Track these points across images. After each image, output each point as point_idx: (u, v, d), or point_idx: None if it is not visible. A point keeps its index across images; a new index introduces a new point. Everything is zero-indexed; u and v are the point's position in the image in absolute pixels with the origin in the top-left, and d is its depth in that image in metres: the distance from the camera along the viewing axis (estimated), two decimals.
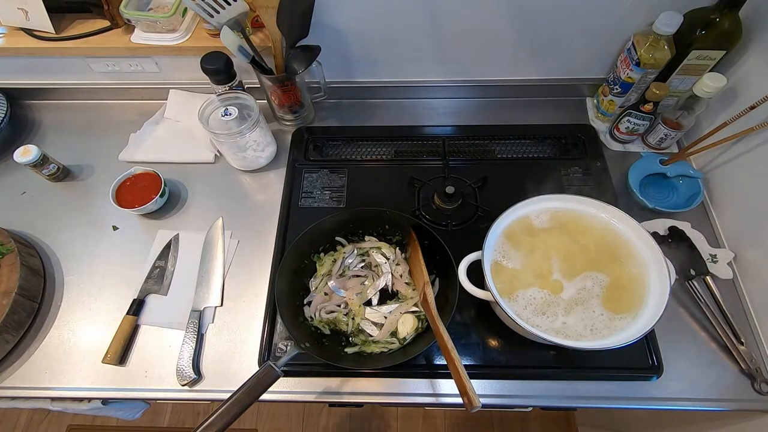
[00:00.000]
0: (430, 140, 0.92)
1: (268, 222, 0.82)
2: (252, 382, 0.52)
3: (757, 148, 0.71)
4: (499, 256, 0.63)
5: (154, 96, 0.97)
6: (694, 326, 0.70)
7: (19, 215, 0.84)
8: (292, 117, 0.92)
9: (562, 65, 0.90)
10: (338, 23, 0.82)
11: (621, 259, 0.62)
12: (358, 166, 0.89)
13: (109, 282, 0.77)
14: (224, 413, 0.51)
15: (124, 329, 0.70)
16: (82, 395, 0.70)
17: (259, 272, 0.77)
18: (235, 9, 0.74)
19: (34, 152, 0.81)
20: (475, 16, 0.79)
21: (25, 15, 0.83)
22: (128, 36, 0.85)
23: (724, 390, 0.65)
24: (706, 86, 0.71)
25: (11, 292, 0.69)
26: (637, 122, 0.81)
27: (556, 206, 0.66)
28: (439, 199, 0.81)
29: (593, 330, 0.58)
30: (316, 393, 0.67)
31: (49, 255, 0.80)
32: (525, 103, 0.96)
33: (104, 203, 0.83)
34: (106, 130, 0.95)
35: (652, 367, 0.67)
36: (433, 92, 0.97)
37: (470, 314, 0.71)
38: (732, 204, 0.77)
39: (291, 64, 0.78)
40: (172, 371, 0.68)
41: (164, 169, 0.84)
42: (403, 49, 0.87)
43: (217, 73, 0.81)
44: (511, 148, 0.91)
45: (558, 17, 0.79)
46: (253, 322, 0.72)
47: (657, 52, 0.75)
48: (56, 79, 0.96)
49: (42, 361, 0.70)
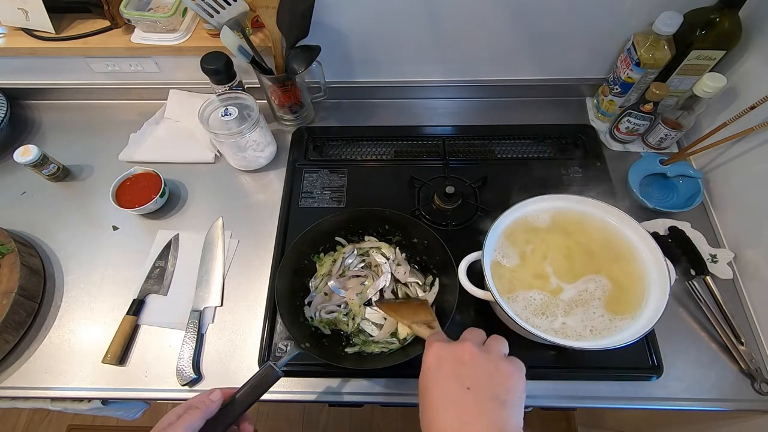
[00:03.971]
0: (430, 140, 0.92)
1: (268, 222, 0.82)
2: (252, 382, 0.52)
3: (757, 148, 0.71)
4: (499, 256, 0.63)
5: (154, 96, 0.97)
6: (694, 326, 0.70)
7: (19, 215, 0.84)
8: (292, 117, 0.92)
9: (562, 65, 0.90)
10: (338, 23, 0.82)
11: (621, 259, 0.62)
12: (358, 166, 0.89)
13: (109, 282, 0.77)
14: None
15: (124, 329, 0.70)
16: (82, 395, 0.70)
17: (259, 272, 0.77)
18: (235, 9, 0.74)
19: (34, 152, 0.81)
20: (475, 16, 0.79)
21: (25, 15, 0.83)
22: (128, 36, 0.85)
23: (724, 390, 0.65)
24: (706, 86, 0.71)
25: (11, 292, 0.69)
26: (637, 122, 0.81)
27: (556, 206, 0.66)
28: (439, 199, 0.81)
29: (593, 330, 0.58)
30: (316, 393, 0.67)
31: (49, 255, 0.80)
32: (525, 103, 0.96)
33: (104, 203, 0.83)
34: (106, 130, 0.95)
35: (652, 367, 0.67)
36: (433, 92, 0.97)
37: (470, 314, 0.71)
38: (732, 204, 0.77)
39: (291, 64, 0.78)
40: (172, 371, 0.68)
41: (164, 169, 0.84)
42: (403, 49, 0.87)
43: (217, 73, 0.81)
44: (511, 148, 0.91)
45: (558, 17, 0.79)
46: (253, 322, 0.72)
47: (657, 52, 0.75)
48: (56, 79, 0.96)
49: (42, 361, 0.70)
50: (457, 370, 0.44)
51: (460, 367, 0.44)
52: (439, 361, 0.45)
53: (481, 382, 0.42)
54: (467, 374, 0.43)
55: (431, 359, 0.46)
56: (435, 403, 0.43)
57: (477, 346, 0.46)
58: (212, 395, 0.48)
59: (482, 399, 0.41)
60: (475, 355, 0.44)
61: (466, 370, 0.44)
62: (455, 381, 0.43)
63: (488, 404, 0.41)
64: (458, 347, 0.46)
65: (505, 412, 0.41)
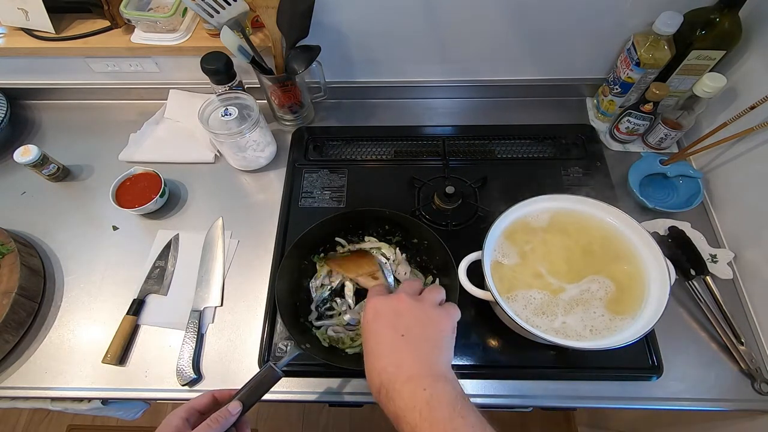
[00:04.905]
0: (430, 140, 0.92)
1: (268, 222, 0.82)
2: (253, 383, 0.52)
3: (757, 148, 0.71)
4: (499, 256, 0.63)
5: (154, 96, 0.97)
6: (694, 326, 0.70)
7: (19, 215, 0.84)
8: (292, 117, 0.92)
9: (562, 65, 0.90)
10: (338, 23, 0.82)
11: (621, 259, 0.62)
12: (358, 166, 0.89)
13: (109, 282, 0.77)
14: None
15: (124, 329, 0.70)
16: (82, 395, 0.70)
17: (259, 272, 0.77)
18: (235, 9, 0.74)
19: (34, 152, 0.81)
20: (475, 16, 0.79)
21: (25, 15, 0.83)
22: (128, 36, 0.85)
23: (724, 390, 0.65)
24: (706, 86, 0.71)
25: (11, 292, 0.69)
26: (637, 122, 0.81)
27: (556, 206, 0.66)
28: (439, 199, 0.81)
29: (593, 330, 0.58)
30: (316, 393, 0.67)
31: (49, 255, 0.80)
32: (525, 103, 0.96)
33: (104, 203, 0.83)
34: (106, 130, 0.95)
35: (652, 367, 0.67)
36: (433, 92, 0.97)
37: (470, 314, 0.71)
38: (732, 204, 0.77)
39: (291, 64, 0.78)
40: (172, 371, 0.68)
41: (164, 169, 0.84)
42: (403, 49, 0.87)
43: (217, 73, 0.81)
44: (511, 148, 0.91)
45: (558, 17, 0.79)
46: (253, 322, 0.72)
47: (657, 52, 0.75)
48: (56, 79, 0.96)
49: (42, 361, 0.70)
50: (392, 320, 0.48)
51: (395, 317, 0.48)
52: (376, 314, 0.49)
53: (414, 328, 0.47)
54: (401, 323, 0.48)
55: (370, 312, 0.50)
56: (374, 349, 0.47)
57: (411, 297, 0.50)
58: (232, 407, 0.49)
59: (415, 342, 0.46)
60: (410, 305, 0.49)
61: (401, 319, 0.48)
62: (390, 329, 0.47)
63: (420, 346, 0.46)
64: (393, 299, 0.50)
65: (436, 352, 0.46)
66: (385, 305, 0.50)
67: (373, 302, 0.51)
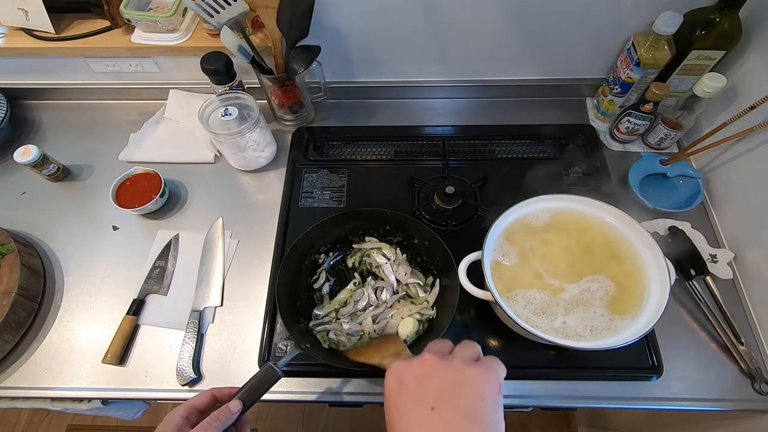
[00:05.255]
0: (430, 140, 0.92)
1: (268, 222, 0.82)
2: (253, 383, 0.52)
3: (757, 148, 0.71)
4: (499, 256, 0.63)
5: (154, 96, 0.97)
6: (694, 326, 0.70)
7: (19, 215, 0.84)
8: (292, 117, 0.92)
9: (562, 65, 0.90)
10: (338, 23, 0.82)
11: (621, 259, 0.62)
12: (358, 166, 0.89)
13: (109, 282, 0.77)
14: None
15: (124, 329, 0.70)
16: (82, 395, 0.70)
17: (259, 272, 0.77)
18: (235, 9, 0.74)
19: (34, 152, 0.81)
20: (475, 16, 0.79)
21: (25, 15, 0.83)
22: (128, 36, 0.85)
23: (724, 390, 0.65)
24: (706, 86, 0.71)
25: (11, 292, 0.69)
26: (637, 122, 0.81)
27: (556, 206, 0.66)
28: (439, 199, 0.81)
29: (593, 330, 0.58)
30: (316, 393, 0.67)
31: (49, 255, 0.80)
32: (525, 103, 0.96)
33: (104, 203, 0.83)
34: (106, 130, 0.95)
35: (652, 367, 0.67)
36: (433, 92, 0.97)
37: (470, 314, 0.71)
38: (732, 204, 0.77)
39: (291, 64, 0.78)
40: (172, 371, 0.68)
41: (164, 169, 0.84)
42: (403, 49, 0.87)
43: (217, 73, 0.81)
44: (511, 148, 0.91)
45: (558, 17, 0.79)
46: (253, 322, 0.72)
47: (657, 52, 0.75)
48: (56, 79, 0.96)
49: (42, 361, 0.70)
50: (419, 388, 0.40)
51: (422, 383, 0.40)
52: (399, 383, 0.41)
53: (446, 397, 0.38)
54: (429, 391, 0.39)
55: (391, 383, 0.42)
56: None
57: (438, 356, 0.42)
58: (232, 406, 0.47)
59: (449, 418, 0.37)
60: (437, 366, 0.40)
61: (428, 385, 0.39)
62: (417, 403, 0.39)
63: (457, 424, 0.37)
64: (417, 362, 0.42)
65: (476, 427, 0.37)
66: (409, 372, 0.41)
67: (393, 369, 0.43)
